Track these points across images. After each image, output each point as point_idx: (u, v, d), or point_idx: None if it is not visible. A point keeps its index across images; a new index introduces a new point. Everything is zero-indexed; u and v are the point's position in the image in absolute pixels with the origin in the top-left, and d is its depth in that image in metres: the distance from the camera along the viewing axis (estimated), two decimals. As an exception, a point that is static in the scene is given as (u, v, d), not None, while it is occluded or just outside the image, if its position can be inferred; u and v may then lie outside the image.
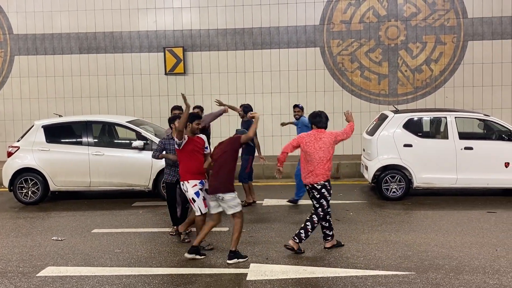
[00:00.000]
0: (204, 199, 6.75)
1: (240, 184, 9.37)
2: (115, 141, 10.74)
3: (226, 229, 7.87)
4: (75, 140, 10.30)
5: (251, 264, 6.27)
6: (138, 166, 9.94)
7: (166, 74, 14.11)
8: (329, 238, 6.87)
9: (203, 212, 6.73)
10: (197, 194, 6.68)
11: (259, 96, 14.00)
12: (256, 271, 6.04)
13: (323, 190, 6.63)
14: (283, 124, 10.44)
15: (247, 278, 5.83)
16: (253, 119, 6.77)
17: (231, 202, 6.35)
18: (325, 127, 6.78)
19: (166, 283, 5.78)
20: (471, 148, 9.54)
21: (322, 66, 13.92)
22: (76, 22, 14.16)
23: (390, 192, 9.72)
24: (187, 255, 6.49)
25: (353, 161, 12.44)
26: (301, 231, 6.62)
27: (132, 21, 14.11)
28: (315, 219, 6.66)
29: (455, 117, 9.76)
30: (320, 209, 6.68)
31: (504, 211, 8.74)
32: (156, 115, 14.12)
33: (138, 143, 9.92)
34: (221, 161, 6.44)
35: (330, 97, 13.85)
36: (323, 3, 13.77)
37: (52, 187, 10.14)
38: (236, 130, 6.95)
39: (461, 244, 6.98)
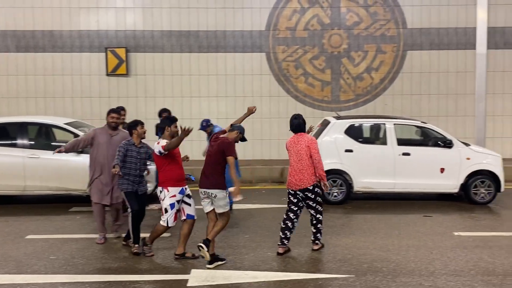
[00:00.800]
0: (177, 211, 6.51)
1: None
2: (52, 143, 10.33)
3: (168, 234, 7.74)
4: (9, 142, 9.83)
5: (192, 270, 6.19)
6: (76, 170, 9.59)
7: (107, 75, 13.77)
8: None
9: (169, 226, 6.49)
10: (172, 205, 6.41)
11: (205, 100, 13.91)
12: (197, 277, 5.96)
13: (317, 189, 6.79)
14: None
15: (188, 284, 5.74)
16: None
17: (222, 201, 6.30)
18: (303, 131, 6.88)
19: (103, 290, 5.61)
20: (408, 154, 9.86)
21: (267, 71, 14.01)
22: (13, 20, 13.58)
23: (331, 196, 9.88)
24: (208, 266, 6.26)
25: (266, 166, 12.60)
26: (317, 234, 6.93)
27: (73, 20, 13.68)
28: (321, 217, 6.89)
29: (394, 124, 10.08)
30: (319, 206, 6.84)
31: (439, 215, 9.08)
32: (96, 117, 13.67)
33: (77, 145, 9.57)
34: (215, 159, 6.33)
35: (276, 102, 13.96)
36: (269, 9, 13.88)
37: (-16, 191, 9.65)
38: (232, 125, 6.76)
39: (398, 247, 7.19)
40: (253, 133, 13.43)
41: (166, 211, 6.43)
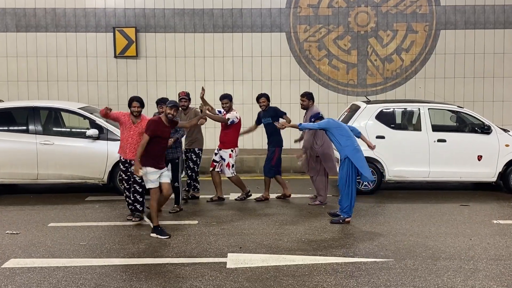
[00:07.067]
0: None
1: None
2: (66, 129, 11.14)
3: (196, 222, 8.59)
4: (20, 127, 10.63)
5: (229, 254, 6.99)
6: (92, 157, 10.39)
7: (115, 57, 14.53)
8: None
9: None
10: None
11: (220, 84, 14.65)
12: (235, 260, 6.76)
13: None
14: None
15: (227, 266, 6.55)
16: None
17: None
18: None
19: (144, 271, 6.40)
20: (444, 141, 10.61)
21: (288, 53, 14.75)
22: (13, -4, 14.36)
23: (361, 185, 10.63)
24: None
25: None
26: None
27: (78, -3, 14.45)
28: None
29: (429, 109, 10.81)
30: None
31: (477, 204, 9.86)
32: (104, 102, 14.49)
33: (93, 131, 10.36)
34: None
35: (296, 86, 14.68)
36: (290, -16, 14.60)
37: (-5, 179, 10.45)
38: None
39: (436, 234, 7.97)
40: (273, 119, 14.16)
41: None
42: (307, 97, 9.85)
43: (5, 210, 9.56)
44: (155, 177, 7.86)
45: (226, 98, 9.89)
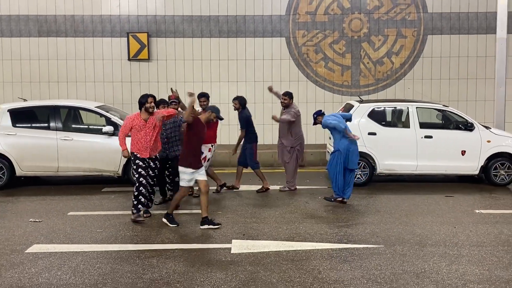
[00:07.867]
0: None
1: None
2: (84, 126, 11.18)
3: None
4: (42, 124, 10.66)
5: (233, 240, 7.02)
6: (107, 152, 10.43)
7: (129, 60, 14.53)
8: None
9: None
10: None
11: (225, 84, 14.65)
12: (238, 246, 6.80)
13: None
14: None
15: (232, 252, 6.57)
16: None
17: None
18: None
19: (155, 256, 6.44)
20: (430, 137, 10.61)
21: (287, 56, 14.73)
22: (35, 4, 14.33)
23: (355, 177, 10.62)
24: None
25: (317, 150, 13.39)
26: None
27: (95, 4, 14.42)
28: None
29: (417, 107, 10.82)
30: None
31: (461, 195, 9.86)
32: (119, 101, 14.50)
33: (109, 128, 10.41)
34: None
35: (295, 87, 14.67)
36: (289, -7, 14.57)
37: (19, 172, 10.48)
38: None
39: (423, 222, 7.98)
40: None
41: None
42: (289, 96, 10.28)
43: (29, 200, 9.61)
44: (190, 177, 7.54)
45: (204, 97, 9.75)
